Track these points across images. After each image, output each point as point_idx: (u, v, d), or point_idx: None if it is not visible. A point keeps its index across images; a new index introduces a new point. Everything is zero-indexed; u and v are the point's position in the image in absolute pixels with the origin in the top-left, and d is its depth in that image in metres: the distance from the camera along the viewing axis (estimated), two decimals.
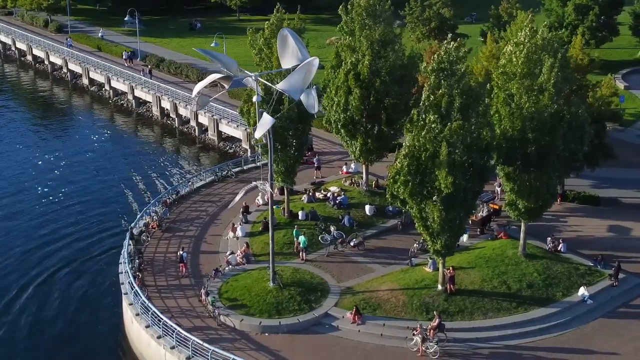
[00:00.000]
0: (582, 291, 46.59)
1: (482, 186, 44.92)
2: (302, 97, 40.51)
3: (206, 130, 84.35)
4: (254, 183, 45.09)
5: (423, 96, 42.16)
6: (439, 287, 46.31)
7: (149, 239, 54.45)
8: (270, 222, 46.25)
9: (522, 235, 49.81)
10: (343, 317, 44.87)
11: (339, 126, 55.91)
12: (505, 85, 45.49)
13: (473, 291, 46.47)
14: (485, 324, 44.28)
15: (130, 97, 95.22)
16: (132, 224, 55.28)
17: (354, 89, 53.60)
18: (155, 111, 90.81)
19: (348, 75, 53.97)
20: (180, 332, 42.54)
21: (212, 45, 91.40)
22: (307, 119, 52.93)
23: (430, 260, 48.75)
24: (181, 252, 50.38)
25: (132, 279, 47.55)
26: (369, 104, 54.59)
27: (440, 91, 41.04)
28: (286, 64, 41.59)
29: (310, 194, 58.38)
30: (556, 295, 46.69)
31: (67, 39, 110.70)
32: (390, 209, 56.62)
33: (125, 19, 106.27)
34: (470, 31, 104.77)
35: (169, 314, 45.03)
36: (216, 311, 45.14)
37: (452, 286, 45.94)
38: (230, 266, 49.89)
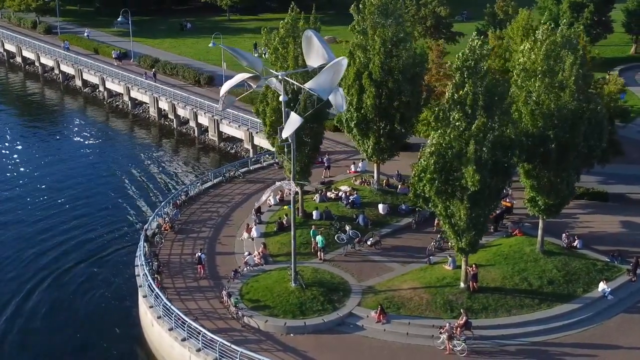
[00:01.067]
0: (603, 286, 46.83)
1: (505, 183, 45.07)
2: (330, 97, 40.35)
3: (206, 130, 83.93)
4: (278, 183, 44.78)
5: (447, 94, 42.16)
6: (462, 284, 46.36)
7: (163, 240, 53.97)
8: (292, 222, 46.01)
9: (539, 232, 50.01)
10: (367, 316, 44.77)
11: (352, 125, 55.79)
12: (526, 83, 45.58)
13: (495, 288, 46.56)
14: (509, 321, 44.35)
15: (126, 98, 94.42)
16: (146, 226, 54.78)
17: (368, 88, 53.50)
18: (153, 112, 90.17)
19: (362, 75, 53.87)
20: (206, 334, 42.21)
21: (210, 45, 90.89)
22: (321, 118, 52.80)
23: (450, 258, 48.83)
24: (199, 254, 50.01)
25: (151, 281, 47.11)
26: (381, 102, 54.52)
27: (466, 89, 41.02)
28: (312, 64, 41.50)
29: (322, 193, 58.22)
30: (577, 292, 46.90)
31: (64, 42, 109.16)
32: (404, 207, 56.71)
33: (119, 19, 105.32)
34: (463, 29, 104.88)
35: (191, 316, 44.62)
36: (239, 312, 44.83)
37: (474, 284, 46.01)
38: (248, 267, 49.59)
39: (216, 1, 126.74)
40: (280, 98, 42.09)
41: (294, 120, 39.45)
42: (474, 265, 46.29)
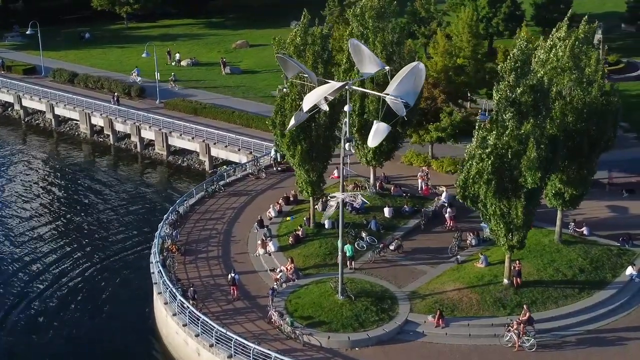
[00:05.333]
0: (630, 270, 48.79)
1: (548, 179, 46.14)
2: (391, 103, 39.72)
3: (149, 145, 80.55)
4: (340, 195, 43.44)
5: (496, 95, 42.48)
6: (505, 281, 46.99)
7: (176, 263, 51.38)
8: (340, 234, 44.89)
9: (558, 222, 51.50)
10: (425, 321, 44.57)
11: (354, 131, 55.22)
12: (555, 80, 46.75)
13: (535, 282, 47.48)
14: (560, 312, 45.36)
15: (48, 115, 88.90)
16: (156, 249, 51.81)
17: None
18: (84, 129, 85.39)
19: (364, 79, 53.40)
20: (277, 357, 40.60)
21: (144, 55, 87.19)
22: (335, 126, 52.01)
23: (482, 256, 49.40)
24: (232, 274, 47.92)
25: (192, 308, 44.77)
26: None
27: (520, 89, 41.57)
28: (368, 71, 40.89)
29: (325, 200, 57.22)
30: (607, 277, 48.60)
31: None
32: (407, 209, 56.85)
33: (27, 32, 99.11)
34: None
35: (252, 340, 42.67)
36: (296, 331, 43.39)
37: (519, 279, 46.78)
38: (281, 283, 48.07)
39: (115, 9, 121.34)
40: (345, 108, 41.01)
41: (381, 130, 38.62)
42: (517, 261, 47.08)
